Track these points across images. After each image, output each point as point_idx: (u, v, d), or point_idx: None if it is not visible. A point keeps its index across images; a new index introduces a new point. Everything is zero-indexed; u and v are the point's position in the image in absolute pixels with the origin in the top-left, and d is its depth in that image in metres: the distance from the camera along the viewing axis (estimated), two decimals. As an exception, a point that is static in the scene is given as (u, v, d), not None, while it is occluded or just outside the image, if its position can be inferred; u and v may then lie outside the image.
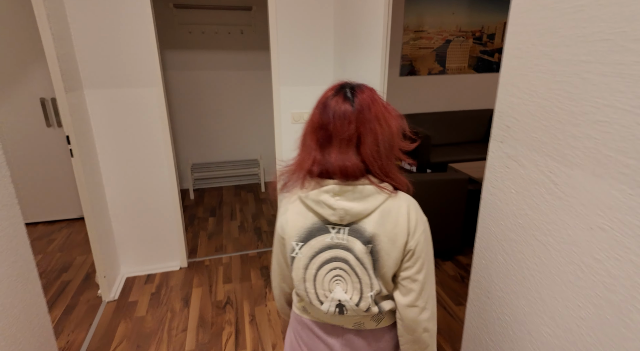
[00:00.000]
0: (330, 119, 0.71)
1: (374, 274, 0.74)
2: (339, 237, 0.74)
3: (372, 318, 0.80)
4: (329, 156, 0.72)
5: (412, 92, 3.92)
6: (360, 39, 1.74)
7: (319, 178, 0.74)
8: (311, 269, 0.77)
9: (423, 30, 3.69)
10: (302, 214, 0.77)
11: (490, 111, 4.01)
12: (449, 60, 3.85)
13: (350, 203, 0.72)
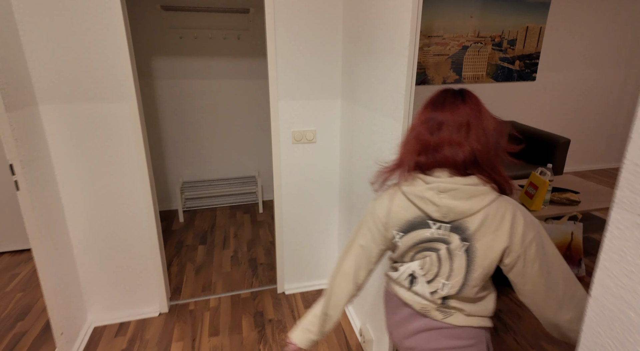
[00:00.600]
0: (441, 111, 0.77)
1: (463, 270, 0.78)
2: (439, 233, 0.79)
3: (437, 309, 0.84)
4: (439, 149, 0.76)
5: (425, 103, 3.59)
6: (376, 44, 1.41)
7: (423, 173, 0.79)
8: (407, 256, 0.86)
9: (438, 36, 3.36)
10: (404, 208, 0.82)
11: (510, 122, 3.66)
12: (465, 68, 3.52)
13: (454, 201, 0.75)
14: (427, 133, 0.78)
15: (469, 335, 0.84)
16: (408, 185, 0.81)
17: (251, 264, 2.34)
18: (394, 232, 0.84)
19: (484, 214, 0.75)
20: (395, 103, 1.29)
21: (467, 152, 0.75)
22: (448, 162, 0.76)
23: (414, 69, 1.21)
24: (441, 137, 0.77)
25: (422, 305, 0.85)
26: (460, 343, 0.84)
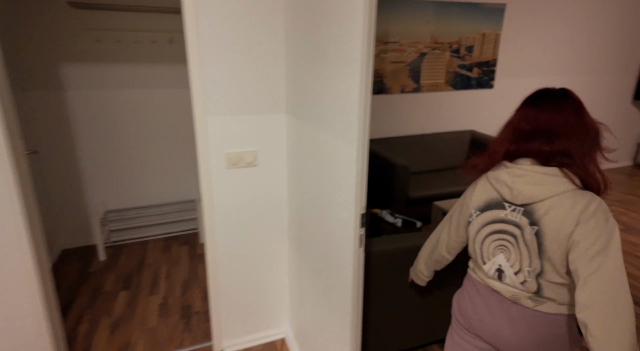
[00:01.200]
0: (541, 108, 0.84)
1: (537, 254, 0.82)
2: (513, 215, 0.85)
3: (529, 296, 0.87)
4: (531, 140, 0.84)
5: (384, 113, 3.36)
6: (323, 48, 1.10)
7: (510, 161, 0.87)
8: (481, 234, 0.93)
9: (394, 42, 3.16)
10: (485, 190, 0.92)
11: (470, 132, 3.54)
12: (423, 75, 3.35)
13: (526, 185, 0.82)
14: (523, 124, 0.85)
15: (560, 324, 0.86)
16: (492, 170, 0.90)
17: (184, 313, 1.92)
18: (472, 211, 0.94)
19: (552, 201, 0.79)
20: (347, 122, 0.98)
21: (556, 147, 0.81)
22: (534, 153, 0.83)
23: (369, 79, 0.90)
24: (536, 130, 0.83)
25: (512, 293, 0.89)
26: (549, 331, 0.86)
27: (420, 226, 1.73)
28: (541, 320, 0.87)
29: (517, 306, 0.89)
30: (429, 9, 3.16)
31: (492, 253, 0.90)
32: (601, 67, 3.96)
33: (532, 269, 0.84)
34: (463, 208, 0.99)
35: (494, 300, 0.93)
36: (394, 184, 2.75)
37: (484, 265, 0.93)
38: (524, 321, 0.88)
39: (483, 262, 0.93)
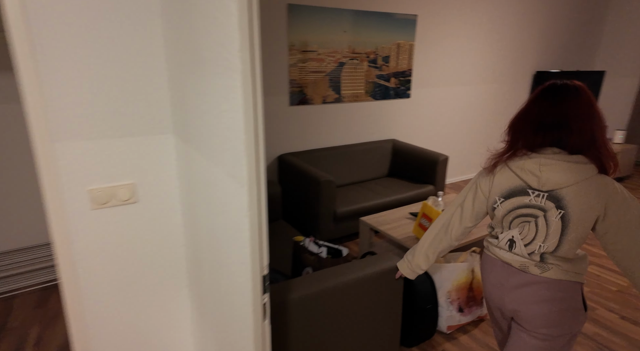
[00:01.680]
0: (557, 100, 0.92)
1: (558, 235, 0.92)
2: (537, 200, 0.94)
3: (535, 265, 0.97)
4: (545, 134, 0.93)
5: (306, 125, 3.19)
6: (200, 52, 0.84)
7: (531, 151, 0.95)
8: (508, 217, 1.00)
9: (312, 51, 3.01)
10: (507, 178, 0.99)
11: (392, 141, 3.55)
12: (344, 86, 3.26)
13: (553, 173, 0.90)
14: (544, 117, 0.93)
15: (565, 288, 0.95)
16: (514, 160, 0.97)
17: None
18: (495, 198, 1.02)
19: (579, 186, 0.89)
20: (235, 153, 0.73)
21: (584, 138, 0.90)
22: (559, 143, 0.92)
23: (257, 94, 0.67)
24: (557, 121, 0.91)
25: (521, 262, 0.99)
26: (557, 295, 0.96)
27: (347, 253, 1.54)
28: (547, 286, 0.97)
29: (525, 274, 0.99)
30: (345, 17, 3.08)
31: (512, 226, 1.01)
32: (501, 77, 4.32)
33: (545, 245, 0.95)
34: (479, 196, 1.08)
35: (505, 272, 1.03)
36: (319, 200, 2.57)
37: (500, 234, 1.04)
38: (531, 289, 0.98)
39: (501, 231, 1.05)
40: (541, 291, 0.97)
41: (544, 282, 0.96)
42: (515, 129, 0.99)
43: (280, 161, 3.04)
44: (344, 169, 3.25)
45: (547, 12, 4.37)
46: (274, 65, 2.89)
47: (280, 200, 2.44)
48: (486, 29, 3.98)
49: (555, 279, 0.96)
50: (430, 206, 2.04)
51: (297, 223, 2.92)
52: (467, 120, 4.24)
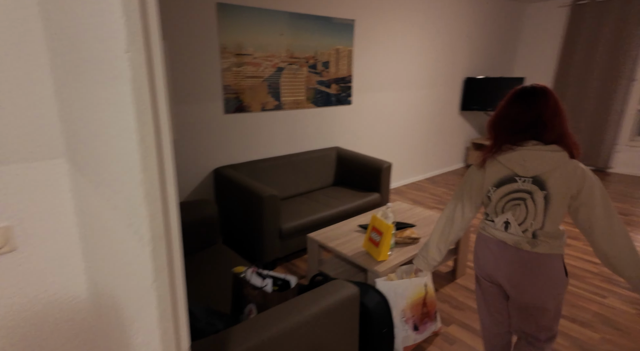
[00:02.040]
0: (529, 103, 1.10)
1: (543, 213, 1.10)
2: (524, 185, 1.11)
3: (527, 241, 1.14)
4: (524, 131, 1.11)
5: (245, 134, 2.95)
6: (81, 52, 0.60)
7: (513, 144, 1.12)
8: (501, 202, 1.17)
9: (247, 54, 2.79)
10: (497, 170, 1.16)
11: (336, 148, 3.45)
12: (284, 92, 3.08)
13: (535, 161, 1.08)
14: (523, 117, 1.11)
15: (551, 260, 1.13)
16: (501, 154, 1.15)
17: None
18: (489, 187, 1.19)
19: (558, 171, 1.07)
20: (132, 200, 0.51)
21: (550, 130, 1.09)
22: (536, 136, 1.11)
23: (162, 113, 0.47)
24: (533, 119, 1.10)
25: (515, 240, 1.15)
26: (544, 267, 1.13)
27: (295, 283, 1.37)
28: (537, 261, 1.14)
29: (518, 250, 1.15)
30: (281, 20, 2.91)
31: (505, 210, 1.17)
32: (436, 82, 4.48)
33: (535, 222, 1.12)
34: (474, 189, 1.24)
35: (500, 249, 1.19)
36: (263, 217, 2.36)
37: (495, 217, 1.20)
38: (522, 263, 1.15)
39: (496, 215, 1.20)
40: (531, 263, 1.14)
41: (534, 256, 1.14)
42: (498, 129, 1.17)
43: (216, 175, 2.76)
44: (288, 181, 3.07)
45: (472, 24, 4.65)
46: (204, 69, 2.62)
47: (217, 221, 2.18)
48: (420, 38, 4.09)
49: (543, 253, 1.13)
50: (379, 219, 1.95)
51: (239, 245, 2.67)
52: (407, 124, 4.33)
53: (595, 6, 4.62)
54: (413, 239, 2.11)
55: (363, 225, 2.31)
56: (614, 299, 2.11)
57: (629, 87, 4.53)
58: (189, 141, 2.67)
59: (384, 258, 1.92)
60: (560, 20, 5.07)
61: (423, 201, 3.88)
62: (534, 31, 5.34)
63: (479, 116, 5.37)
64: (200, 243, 2.13)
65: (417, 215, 2.52)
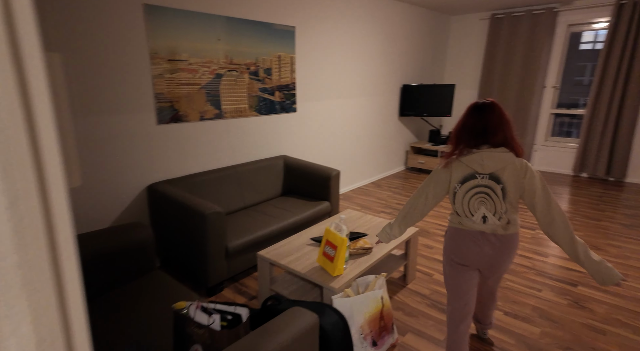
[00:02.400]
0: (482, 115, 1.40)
1: (503, 201, 1.38)
2: (483, 180, 1.39)
3: (501, 227, 1.42)
4: (479, 137, 1.40)
5: (183, 146, 2.72)
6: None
7: (471, 148, 1.41)
8: (466, 196, 1.43)
9: (182, 60, 2.58)
10: (460, 170, 1.42)
11: (283, 157, 3.35)
12: (224, 100, 2.91)
13: (491, 161, 1.37)
14: (478, 126, 1.40)
15: (516, 237, 1.45)
16: (463, 156, 1.42)
17: None
18: (455, 184, 1.44)
19: (508, 168, 1.36)
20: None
21: (500, 137, 1.38)
22: (489, 142, 1.39)
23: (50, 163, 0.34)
24: (486, 128, 1.39)
25: (491, 229, 1.42)
26: (515, 245, 1.45)
27: (247, 316, 1.23)
28: (510, 241, 1.43)
29: (495, 236, 1.42)
30: (218, 24, 2.74)
31: (477, 207, 1.41)
32: (376, 90, 4.60)
33: (503, 211, 1.39)
34: (439, 185, 1.48)
35: (480, 237, 1.43)
36: (207, 237, 2.17)
37: (472, 216, 1.43)
38: (502, 245, 1.42)
39: (472, 214, 1.43)
40: (508, 244, 1.43)
41: (508, 237, 1.43)
42: (459, 137, 1.45)
43: (150, 192, 2.50)
44: (233, 193, 2.89)
45: (406, 36, 4.86)
46: (132, 76, 2.36)
47: (152, 245, 1.95)
48: (360, 47, 4.16)
49: (513, 233, 1.43)
50: (333, 232, 1.88)
51: (181, 269, 2.44)
52: (351, 130, 4.37)
53: (510, 19, 5.12)
54: (366, 249, 2.08)
55: (316, 238, 2.23)
56: (547, 291, 2.29)
57: (541, 93, 5.08)
58: (115, 155, 2.38)
59: (339, 272, 1.86)
60: (482, 31, 5.52)
61: (370, 205, 3.93)
62: (460, 41, 5.76)
63: (416, 121, 5.63)
64: (132, 271, 1.89)
65: (368, 223, 2.51)
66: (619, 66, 4.39)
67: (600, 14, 4.53)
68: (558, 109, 5.12)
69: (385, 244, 2.19)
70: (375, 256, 2.05)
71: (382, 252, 2.10)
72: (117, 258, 1.82)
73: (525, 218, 3.51)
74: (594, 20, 4.60)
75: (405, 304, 2.19)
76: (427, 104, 4.98)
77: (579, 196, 4.11)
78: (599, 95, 4.60)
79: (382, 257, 2.08)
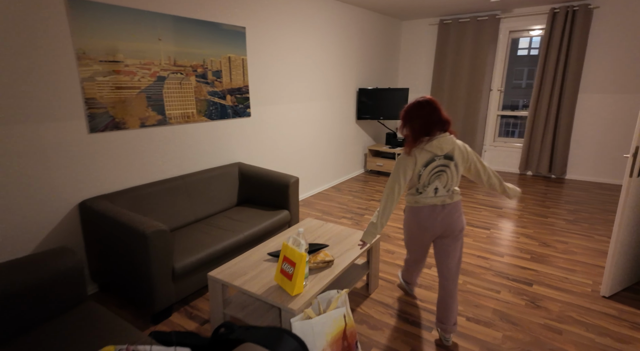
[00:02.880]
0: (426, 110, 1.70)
1: (457, 175, 1.74)
2: (441, 161, 1.70)
3: (448, 197, 1.76)
4: (434, 127, 1.69)
5: (121, 156, 2.44)
6: None
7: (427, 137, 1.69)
8: (428, 177, 1.73)
9: (117, 61, 2.31)
10: (423, 156, 1.70)
11: (237, 164, 3.15)
12: (169, 105, 2.66)
13: (444, 144, 1.68)
14: (429, 119, 1.69)
15: (460, 203, 1.80)
16: (422, 144, 1.69)
17: None
18: (420, 168, 1.71)
19: (456, 147, 1.71)
20: None
21: (446, 126, 1.71)
22: (441, 129, 1.71)
23: None
24: (435, 120, 1.69)
25: (441, 200, 1.75)
26: (459, 209, 1.79)
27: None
28: (455, 207, 1.78)
29: (443, 206, 1.77)
30: (159, 22, 2.50)
31: (432, 181, 1.74)
32: (332, 93, 4.53)
33: (453, 183, 1.76)
34: (408, 169, 1.73)
35: (433, 210, 1.77)
36: (149, 260, 1.93)
37: (426, 188, 1.76)
38: (449, 211, 1.77)
39: (425, 187, 1.76)
40: (454, 209, 1.77)
41: (454, 204, 1.77)
42: (415, 129, 1.71)
43: (83, 210, 2.20)
44: (182, 206, 2.65)
45: (360, 39, 4.86)
46: (54, 79, 2.06)
47: (82, 273, 1.69)
48: (314, 50, 4.07)
49: (457, 200, 1.78)
50: (291, 247, 1.75)
51: (122, 296, 2.17)
52: (309, 135, 4.26)
53: (457, 25, 5.31)
54: (327, 262, 1.97)
55: (273, 253, 2.08)
56: (505, 292, 2.32)
57: (488, 95, 5.32)
58: (37, 170, 2.06)
59: (298, 291, 1.72)
60: (431, 36, 5.69)
61: (331, 211, 3.84)
62: (411, 46, 5.89)
63: (373, 124, 5.66)
64: (58, 305, 1.62)
65: (328, 232, 2.40)
66: (555, 70, 4.71)
67: (537, 21, 4.84)
68: (503, 111, 5.39)
69: (349, 253, 2.10)
70: (337, 269, 1.95)
71: (344, 263, 2.00)
72: (38, 291, 1.55)
73: (480, 217, 3.61)
74: (532, 27, 4.90)
75: (369, 316, 2.11)
76: (383, 107, 5.01)
77: (526, 194, 4.33)
78: (539, 98, 4.90)
79: (344, 269, 1.98)
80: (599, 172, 4.77)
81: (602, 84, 4.56)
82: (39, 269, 1.59)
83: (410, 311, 2.15)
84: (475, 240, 3.08)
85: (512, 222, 3.48)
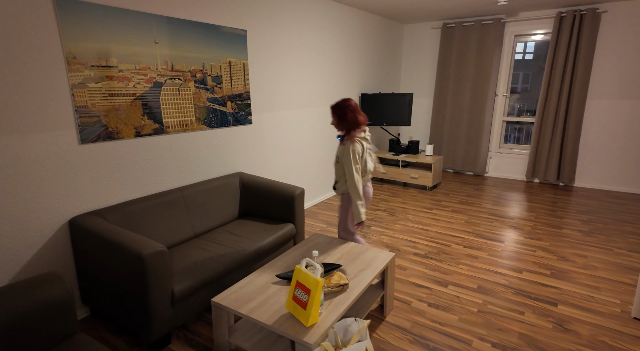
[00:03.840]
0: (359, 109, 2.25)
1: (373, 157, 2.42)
2: (367, 145, 2.27)
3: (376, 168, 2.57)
4: (364, 120, 2.24)
5: (115, 168, 2.26)
6: None
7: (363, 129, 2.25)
8: (367, 158, 2.28)
9: (110, 66, 2.13)
10: (362, 143, 2.22)
11: (238, 174, 2.98)
12: (166, 112, 2.49)
13: (368, 134, 2.29)
14: (361, 117, 2.22)
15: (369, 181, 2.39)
16: (361, 135, 2.23)
17: None
18: (365, 155, 2.25)
19: (366, 135, 2.27)
20: None
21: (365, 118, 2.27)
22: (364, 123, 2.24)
23: None
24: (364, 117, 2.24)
25: (370, 176, 2.32)
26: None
27: None
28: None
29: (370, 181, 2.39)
30: (155, 25, 2.33)
31: (368, 160, 2.29)
32: (335, 99, 4.38)
33: (374, 158, 2.44)
34: (363, 156, 2.25)
35: (370, 183, 2.38)
36: (145, 283, 1.74)
37: (367, 167, 2.30)
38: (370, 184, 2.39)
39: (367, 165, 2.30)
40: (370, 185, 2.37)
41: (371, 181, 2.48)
42: (357, 123, 2.21)
43: (73, 228, 2.01)
44: (180, 221, 2.46)
45: (362, 43, 4.72)
46: (41, 85, 1.88)
47: (71, 302, 1.51)
48: (317, 54, 3.92)
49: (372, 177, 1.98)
50: (305, 272, 1.58)
51: (115, 322, 1.98)
52: (311, 142, 4.10)
53: (461, 29, 5.20)
54: (342, 286, 1.80)
55: (282, 275, 1.90)
56: (529, 314, 2.17)
57: (494, 101, 5.20)
58: (21, 185, 1.87)
59: (314, 321, 1.55)
60: (435, 40, 5.58)
61: (336, 222, 3.67)
62: (414, 50, 5.77)
63: (376, 131, 5.52)
64: (44, 340, 1.43)
65: (338, 249, 2.23)
66: (562, 75, 4.60)
67: (543, 25, 4.74)
68: (509, 117, 5.28)
69: (363, 273, 1.94)
70: (354, 293, 1.78)
71: (360, 287, 1.83)
72: (22, 325, 1.36)
73: (492, 229, 3.47)
74: (538, 31, 4.80)
75: (386, 343, 1.94)
76: (386, 113, 4.87)
77: (535, 202, 4.20)
78: (545, 103, 4.80)
79: (361, 293, 1.81)
80: (608, 180, 4.67)
81: (610, 89, 4.47)
82: (23, 301, 1.40)
83: (430, 336, 1.98)
84: (490, 254, 2.93)
85: (526, 233, 3.34)
